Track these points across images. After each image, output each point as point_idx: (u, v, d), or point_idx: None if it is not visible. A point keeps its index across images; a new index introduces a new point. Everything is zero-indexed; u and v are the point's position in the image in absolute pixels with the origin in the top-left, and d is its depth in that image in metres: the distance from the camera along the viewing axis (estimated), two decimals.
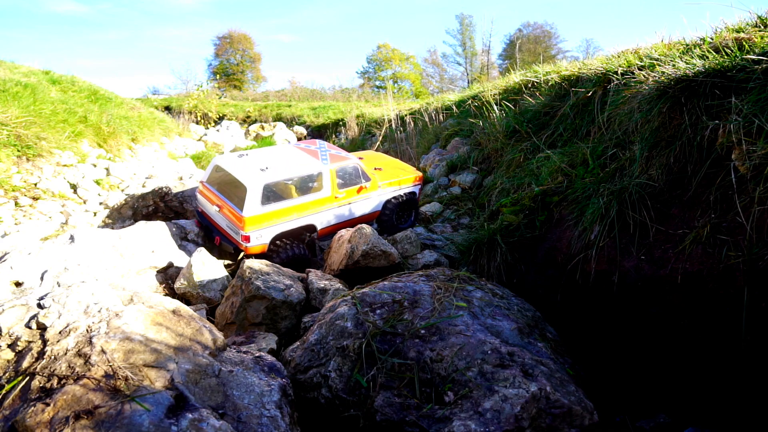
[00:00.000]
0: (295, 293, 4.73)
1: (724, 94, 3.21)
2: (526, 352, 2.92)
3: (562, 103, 7.54)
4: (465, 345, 2.88)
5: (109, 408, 2.00)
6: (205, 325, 2.92)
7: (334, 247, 6.02)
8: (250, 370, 2.70)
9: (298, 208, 6.28)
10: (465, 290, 3.56)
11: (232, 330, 4.58)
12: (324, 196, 6.55)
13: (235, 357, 2.81)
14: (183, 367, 2.39)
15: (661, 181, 3.57)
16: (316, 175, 6.52)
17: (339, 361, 2.96)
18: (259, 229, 5.91)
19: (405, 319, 3.14)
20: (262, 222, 5.91)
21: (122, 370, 2.19)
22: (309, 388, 2.96)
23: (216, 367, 2.54)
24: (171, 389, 2.23)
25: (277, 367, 2.89)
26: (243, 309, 4.58)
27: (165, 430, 1.98)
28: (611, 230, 3.86)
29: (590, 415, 2.62)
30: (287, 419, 2.47)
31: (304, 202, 6.32)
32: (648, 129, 3.63)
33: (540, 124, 7.88)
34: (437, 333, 3.01)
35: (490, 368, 2.74)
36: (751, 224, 2.80)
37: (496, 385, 2.62)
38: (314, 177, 6.53)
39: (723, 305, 2.82)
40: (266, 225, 5.96)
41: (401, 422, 2.57)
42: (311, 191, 6.47)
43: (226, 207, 6.08)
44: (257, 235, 5.91)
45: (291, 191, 6.36)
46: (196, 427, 2.05)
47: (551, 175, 5.21)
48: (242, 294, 4.62)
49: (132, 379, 2.17)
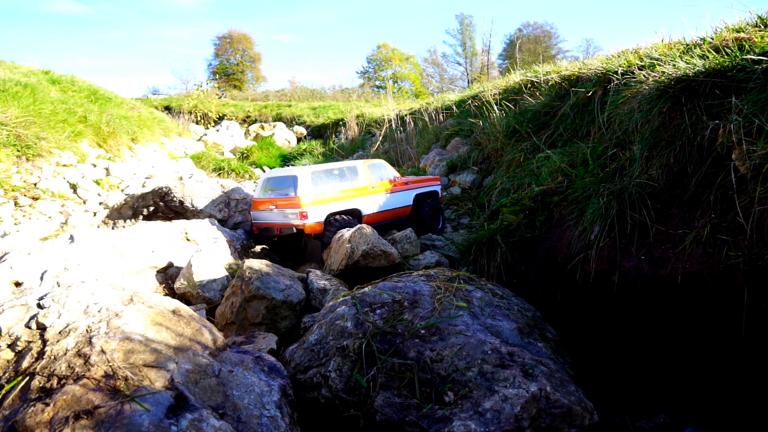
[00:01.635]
0: (295, 293, 4.73)
1: (724, 94, 3.21)
2: (526, 352, 2.92)
3: (562, 103, 7.55)
4: (465, 345, 2.88)
5: (108, 408, 2.00)
6: (205, 325, 2.92)
7: (334, 247, 6.03)
8: (250, 370, 2.70)
9: (342, 193, 7.35)
10: (465, 290, 3.56)
11: (232, 330, 4.58)
12: (361, 185, 7.65)
13: (235, 357, 2.81)
14: (183, 367, 2.39)
15: (661, 181, 3.56)
16: (353, 167, 7.75)
17: (339, 361, 2.96)
18: (314, 206, 6.89)
19: (405, 319, 3.14)
20: (315, 202, 6.93)
21: (122, 370, 2.19)
22: (309, 388, 2.96)
23: (216, 367, 2.54)
24: (171, 389, 2.23)
25: (277, 367, 2.89)
26: (243, 309, 4.58)
27: (165, 430, 1.97)
28: (611, 230, 3.85)
29: (590, 415, 2.62)
30: (287, 419, 2.47)
31: (346, 188, 7.44)
32: (648, 129, 3.63)
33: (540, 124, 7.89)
34: (437, 333, 3.01)
35: (490, 368, 2.74)
36: (751, 224, 2.80)
37: (496, 385, 2.62)
38: (351, 169, 7.74)
39: (723, 305, 2.80)
40: (318, 204, 6.96)
41: (401, 422, 2.57)
42: (350, 180, 7.60)
43: (280, 201, 7.09)
44: (313, 211, 6.86)
45: (334, 179, 7.47)
46: (196, 427, 2.05)
47: (551, 175, 5.22)
48: (242, 294, 4.62)
49: (132, 379, 2.17)
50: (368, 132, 18.62)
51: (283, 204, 7.02)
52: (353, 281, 5.26)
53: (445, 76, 44.04)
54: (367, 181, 7.75)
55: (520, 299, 3.80)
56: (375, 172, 7.99)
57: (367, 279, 4.75)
